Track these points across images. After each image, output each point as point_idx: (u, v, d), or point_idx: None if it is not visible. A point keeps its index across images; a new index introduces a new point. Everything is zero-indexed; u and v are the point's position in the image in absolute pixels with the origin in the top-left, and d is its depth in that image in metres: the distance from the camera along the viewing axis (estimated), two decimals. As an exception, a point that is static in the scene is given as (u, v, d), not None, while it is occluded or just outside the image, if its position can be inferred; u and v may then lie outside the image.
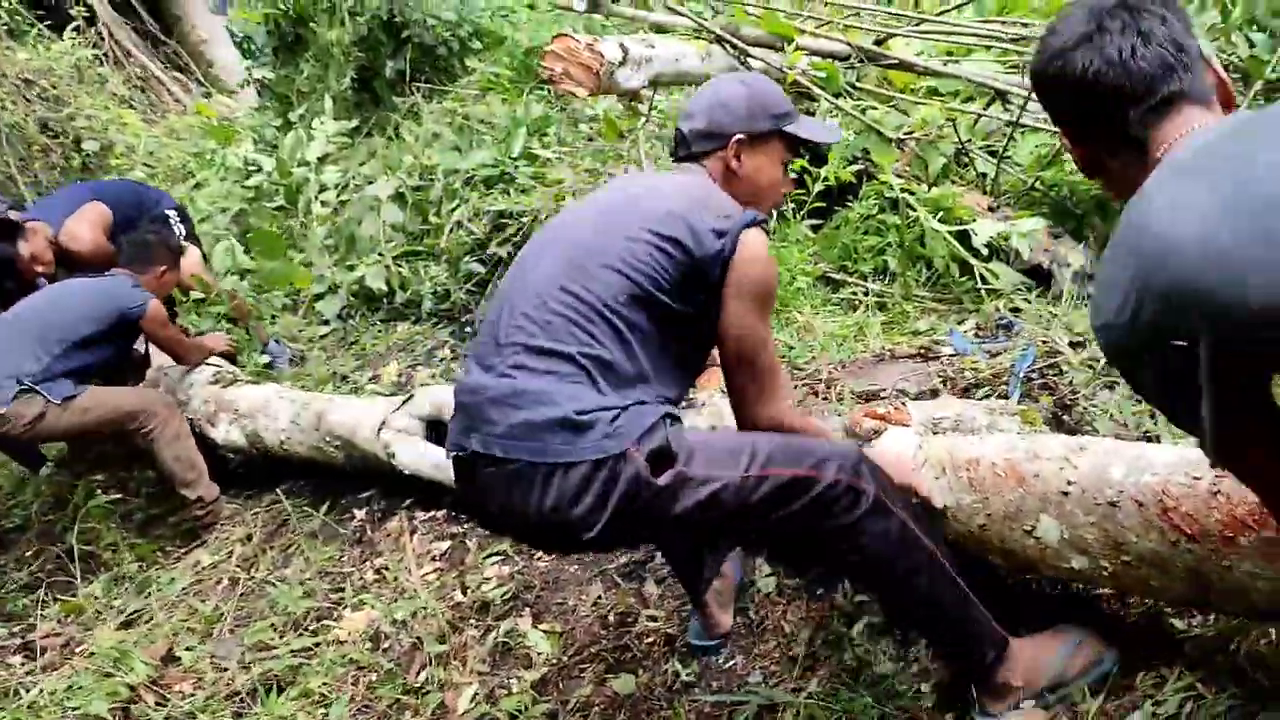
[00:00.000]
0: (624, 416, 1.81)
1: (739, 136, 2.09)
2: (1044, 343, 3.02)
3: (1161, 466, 1.79)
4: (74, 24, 11.17)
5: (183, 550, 3.97)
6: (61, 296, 4.13)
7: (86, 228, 4.70)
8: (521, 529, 1.98)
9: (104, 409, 3.99)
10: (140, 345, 4.53)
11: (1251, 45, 3.18)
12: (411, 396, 3.63)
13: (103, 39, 11.76)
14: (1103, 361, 2.74)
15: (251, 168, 6.50)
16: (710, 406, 2.81)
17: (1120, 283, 1.24)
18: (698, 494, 1.81)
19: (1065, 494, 1.89)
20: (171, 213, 5.06)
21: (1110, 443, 2.00)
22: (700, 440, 1.90)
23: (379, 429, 3.57)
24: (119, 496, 4.28)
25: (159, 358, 4.69)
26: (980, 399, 2.78)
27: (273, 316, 5.27)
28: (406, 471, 3.49)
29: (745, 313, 1.92)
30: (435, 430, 3.51)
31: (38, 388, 3.81)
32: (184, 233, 4.99)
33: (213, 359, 4.57)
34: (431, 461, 3.40)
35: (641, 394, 1.87)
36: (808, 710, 2.15)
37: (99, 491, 4.42)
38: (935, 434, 2.28)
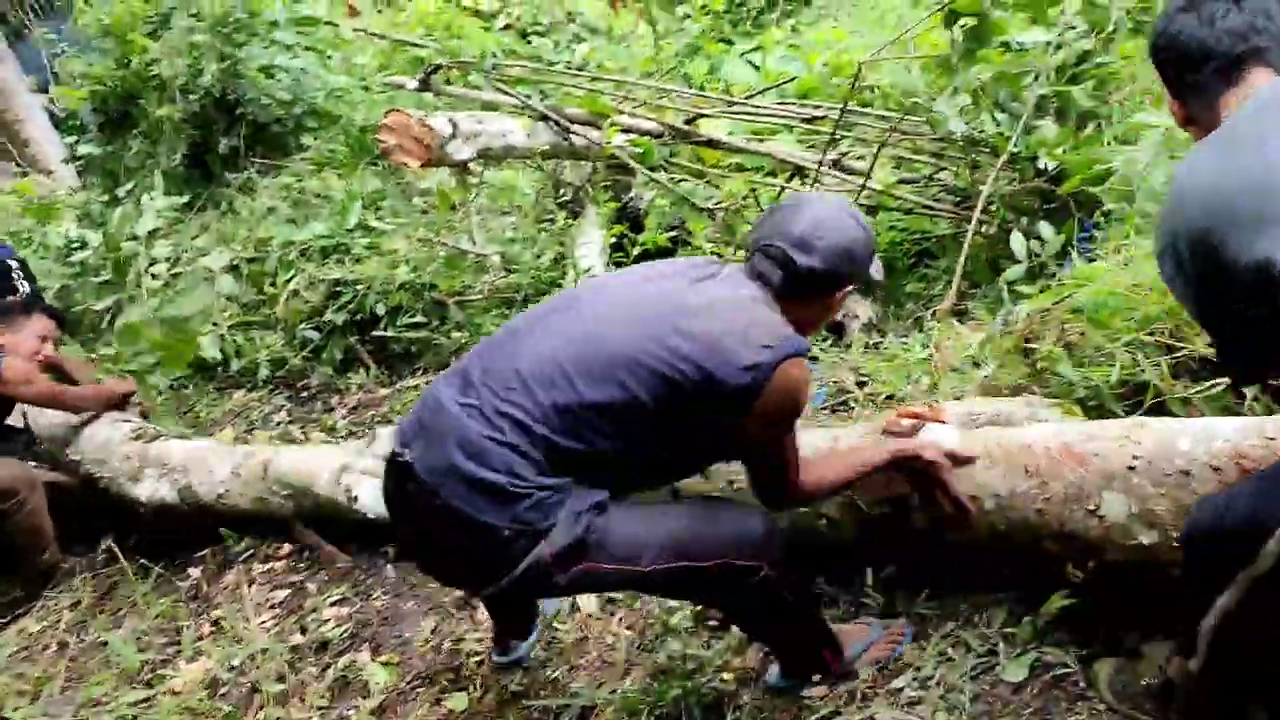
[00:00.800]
0: (554, 498, 1.87)
1: (850, 288, 2.08)
2: (835, 382, 3.39)
3: (1231, 433, 1.82)
4: (-120, 101, 10.74)
5: (6, 619, 3.90)
6: None
7: None
8: (425, 555, 2.13)
9: None
10: (18, 418, 4.28)
11: (997, 124, 3.69)
12: (375, 438, 3.56)
13: (-90, 116, 11.32)
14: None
15: (75, 244, 6.43)
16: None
17: (1159, 226, 1.53)
18: (601, 578, 1.97)
19: (1131, 469, 1.89)
20: (13, 263, 4.90)
21: (1170, 420, 2.05)
22: (620, 527, 1.94)
23: (339, 473, 3.47)
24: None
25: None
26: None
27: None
28: (370, 515, 3.34)
29: (768, 433, 1.94)
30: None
31: None
32: (28, 289, 4.83)
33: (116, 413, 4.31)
34: None
35: (584, 485, 1.92)
36: (625, 704, 2.38)
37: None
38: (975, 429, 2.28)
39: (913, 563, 2.40)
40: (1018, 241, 3.32)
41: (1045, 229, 3.29)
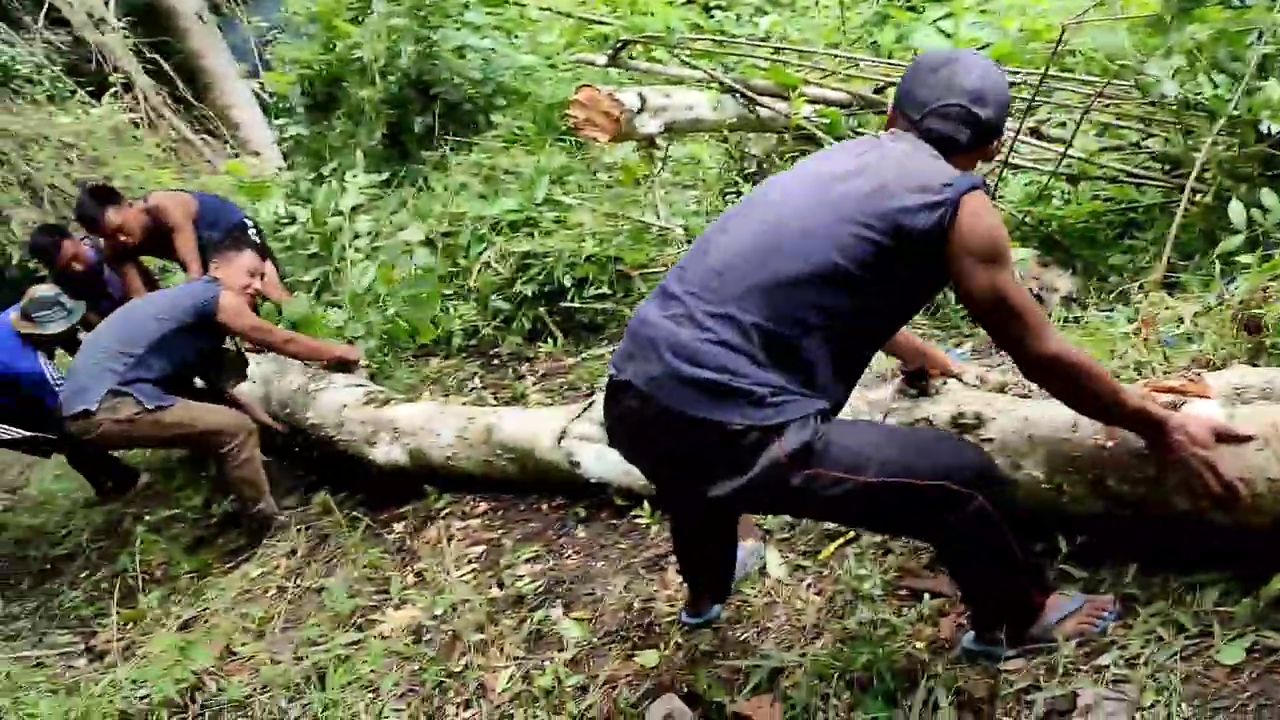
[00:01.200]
0: (779, 398, 1.88)
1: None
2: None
3: None
4: (112, 90, 11.68)
5: (231, 565, 4.23)
6: (135, 307, 4.41)
7: (177, 206, 5.15)
8: (647, 465, 2.17)
9: (190, 425, 4.18)
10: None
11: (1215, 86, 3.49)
12: (592, 403, 3.66)
13: (138, 103, 12.27)
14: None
15: (284, 221, 6.87)
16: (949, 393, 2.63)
17: None
18: (826, 491, 1.93)
19: None
20: (249, 223, 5.53)
21: None
22: (843, 438, 1.95)
23: (559, 438, 3.60)
24: (168, 514, 4.57)
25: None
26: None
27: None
28: (592, 479, 3.49)
29: (980, 270, 1.91)
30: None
31: (130, 389, 4.04)
32: (260, 244, 5.25)
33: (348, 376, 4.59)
34: (620, 468, 3.34)
35: (802, 386, 1.93)
36: (814, 668, 2.40)
37: (146, 517, 4.73)
38: (1243, 405, 2.14)
39: (1112, 533, 2.31)
40: (1237, 210, 3.14)
41: (1268, 197, 3.11)
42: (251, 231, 5.37)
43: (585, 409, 3.64)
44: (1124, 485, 2.16)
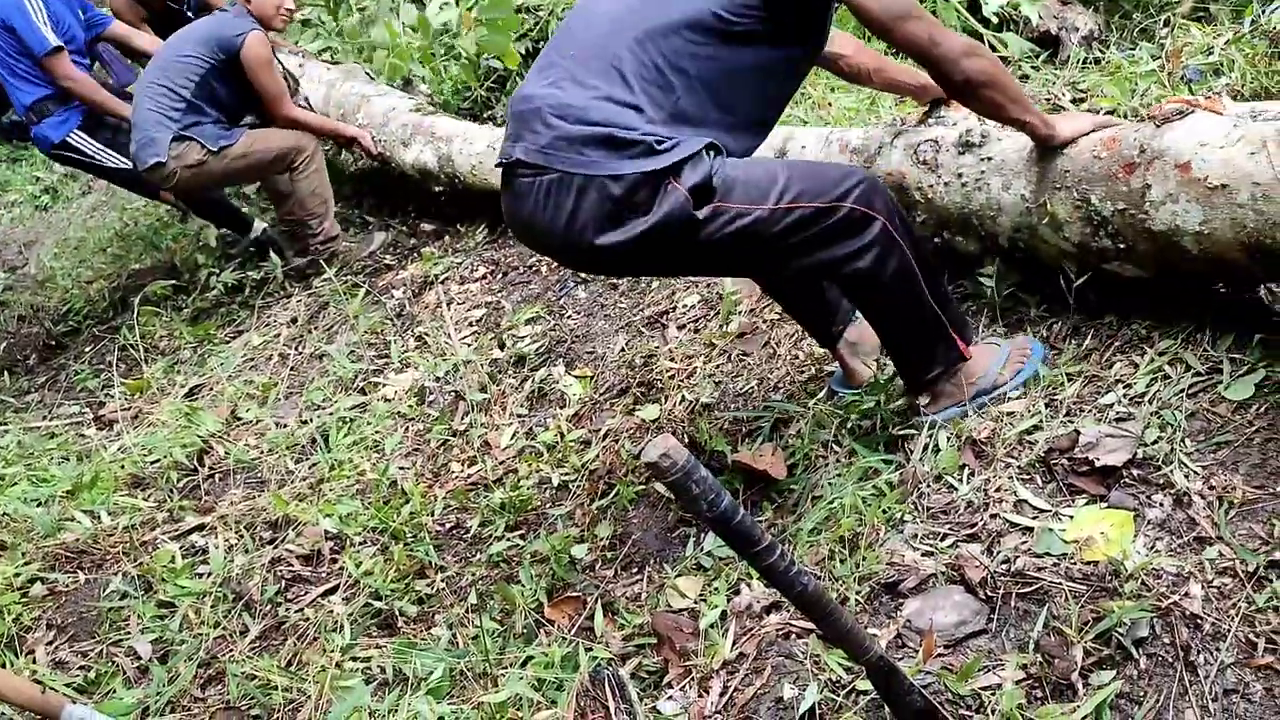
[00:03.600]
0: (668, 143, 1.86)
1: None
2: (1048, 100, 3.12)
3: None
4: None
5: (233, 334, 4.23)
6: (177, 43, 4.22)
7: None
8: (546, 239, 2.05)
9: (259, 153, 4.20)
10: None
11: None
12: None
13: None
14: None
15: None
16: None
17: None
18: (730, 225, 1.92)
19: None
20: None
21: None
22: (737, 172, 1.94)
23: None
24: (172, 285, 4.55)
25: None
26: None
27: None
28: None
29: None
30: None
31: (190, 134, 4.05)
32: None
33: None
34: None
35: (692, 132, 1.90)
36: (816, 417, 2.39)
37: (145, 291, 4.69)
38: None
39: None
40: (1278, -69, 2.89)
41: (1314, -86, 2.85)
42: None
43: None
44: (1107, 203, 2.06)
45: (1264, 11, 2.55)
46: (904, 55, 2.04)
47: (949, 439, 2.17)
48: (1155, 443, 1.93)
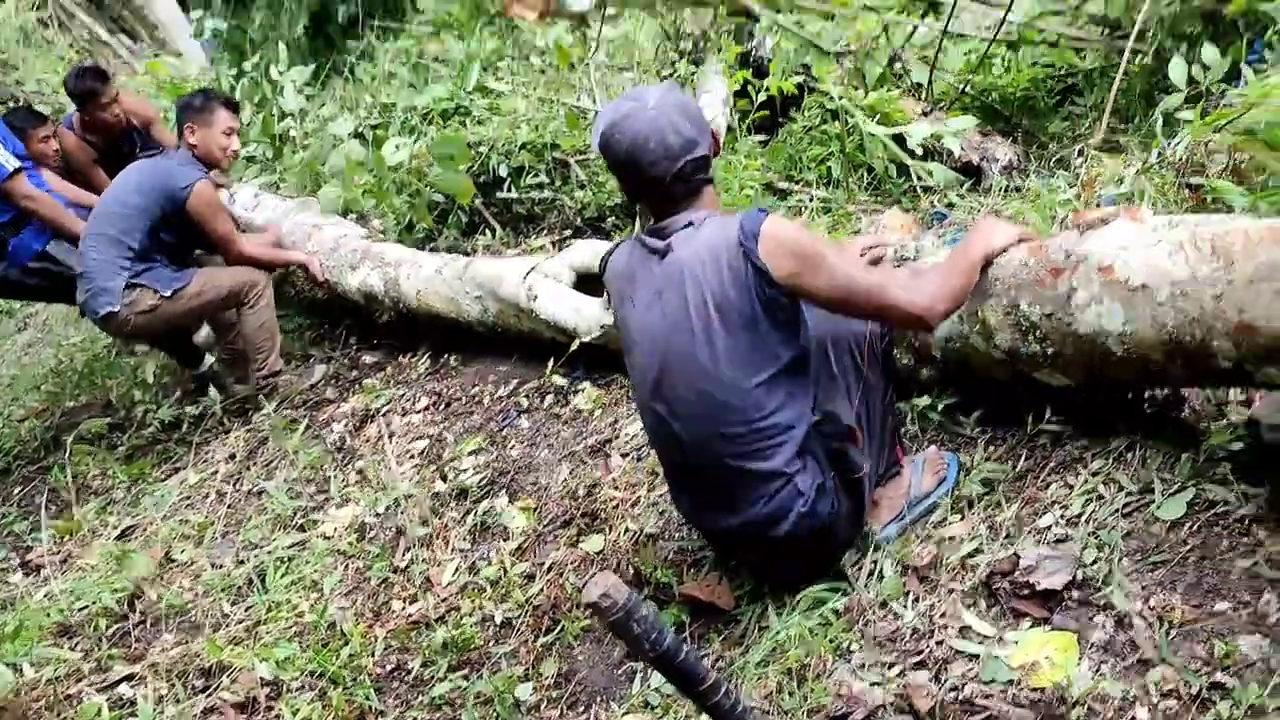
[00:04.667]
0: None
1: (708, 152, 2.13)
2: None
3: None
4: (16, -12, 11.04)
5: (169, 472, 4.13)
6: (121, 190, 4.18)
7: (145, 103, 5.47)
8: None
9: (212, 291, 4.16)
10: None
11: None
12: (571, 248, 3.77)
13: (46, 3, 11.65)
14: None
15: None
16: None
17: None
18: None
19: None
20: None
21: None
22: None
23: (526, 275, 3.64)
24: (102, 423, 4.46)
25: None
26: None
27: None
28: (544, 316, 3.53)
29: (800, 277, 2.00)
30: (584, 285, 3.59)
31: (142, 280, 4.03)
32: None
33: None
34: (572, 307, 3.44)
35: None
36: (760, 545, 2.38)
37: (79, 428, 4.59)
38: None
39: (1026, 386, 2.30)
40: (1178, 68, 3.07)
41: (1209, 52, 3.03)
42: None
43: (560, 250, 3.71)
44: (1035, 308, 2.13)
45: (1168, 144, 2.69)
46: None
47: (893, 564, 2.18)
48: (1094, 563, 1.95)
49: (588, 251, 3.67)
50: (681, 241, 2.08)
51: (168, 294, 4.06)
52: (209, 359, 4.76)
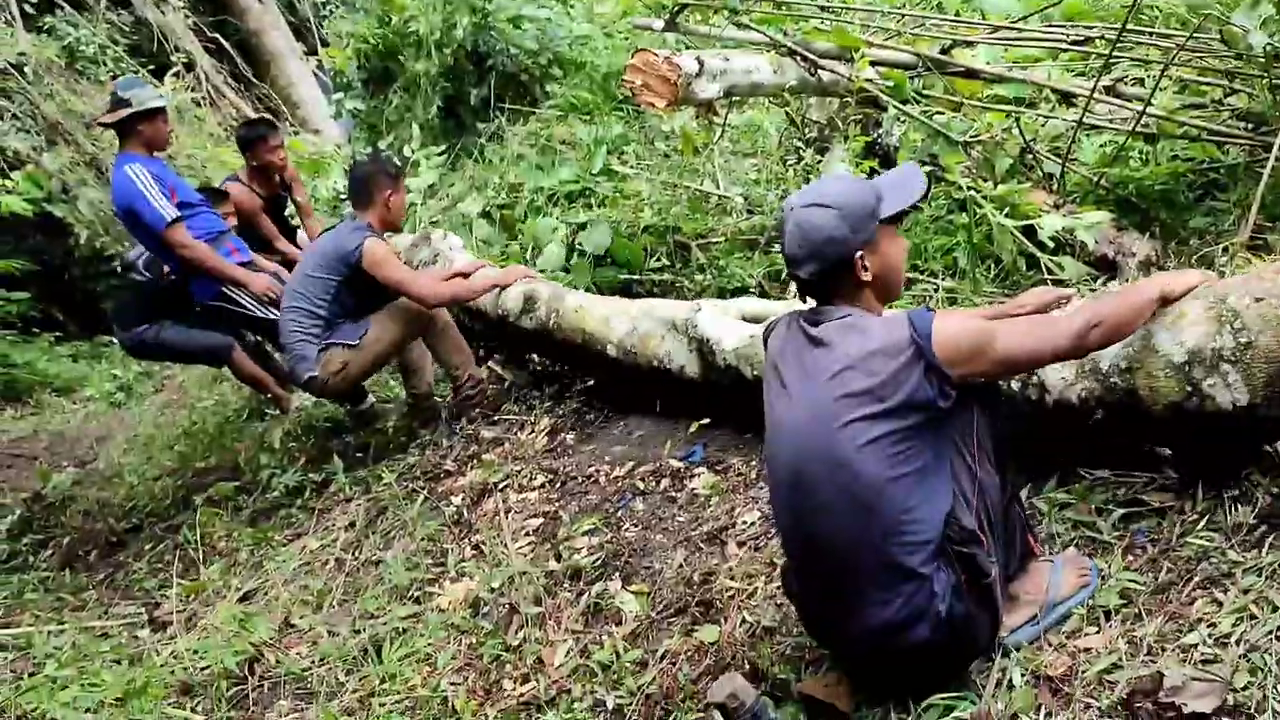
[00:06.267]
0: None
1: (859, 254, 2.15)
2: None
3: None
4: (173, 69, 11.80)
5: (291, 537, 4.24)
6: (308, 260, 4.54)
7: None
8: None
9: (395, 328, 4.42)
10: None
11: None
12: (744, 298, 3.99)
13: (200, 83, 12.38)
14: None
15: (344, 196, 6.87)
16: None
17: None
18: None
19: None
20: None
21: None
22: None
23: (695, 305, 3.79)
24: (235, 485, 4.61)
25: None
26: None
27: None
28: (700, 332, 3.61)
29: (973, 364, 2.06)
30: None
31: (332, 341, 4.35)
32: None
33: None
34: (733, 330, 3.52)
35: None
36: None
37: (209, 491, 4.76)
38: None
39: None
40: (1330, 166, 2.96)
41: (1364, 151, 2.92)
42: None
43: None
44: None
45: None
46: None
47: (1022, 673, 2.09)
48: (1245, 688, 1.83)
49: (758, 304, 3.76)
50: (837, 332, 2.12)
51: (354, 342, 4.34)
52: (370, 399, 5.05)
